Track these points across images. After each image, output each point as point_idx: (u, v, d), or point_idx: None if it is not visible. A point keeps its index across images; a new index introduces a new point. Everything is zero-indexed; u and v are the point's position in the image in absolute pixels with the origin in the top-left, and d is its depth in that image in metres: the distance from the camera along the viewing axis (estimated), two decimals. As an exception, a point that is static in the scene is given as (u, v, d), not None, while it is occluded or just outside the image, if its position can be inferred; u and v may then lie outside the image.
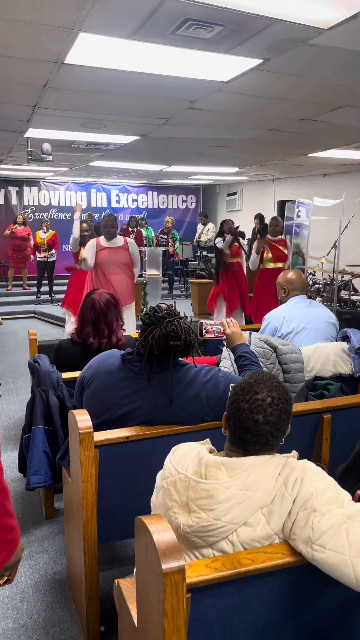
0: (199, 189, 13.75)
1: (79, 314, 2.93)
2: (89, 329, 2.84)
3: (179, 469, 1.39)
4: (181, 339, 2.04)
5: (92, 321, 2.84)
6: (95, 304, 2.85)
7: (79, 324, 2.91)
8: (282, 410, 1.38)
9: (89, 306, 2.86)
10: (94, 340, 2.83)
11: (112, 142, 6.22)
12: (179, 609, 1.15)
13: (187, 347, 2.08)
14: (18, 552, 1.23)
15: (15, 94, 4.06)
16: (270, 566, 1.25)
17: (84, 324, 2.87)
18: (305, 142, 5.98)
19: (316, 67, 3.23)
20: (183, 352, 2.08)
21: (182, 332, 2.05)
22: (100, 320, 2.84)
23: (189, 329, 2.09)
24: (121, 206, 13.17)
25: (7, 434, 4.18)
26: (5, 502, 1.19)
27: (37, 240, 10.54)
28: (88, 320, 2.85)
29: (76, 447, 1.98)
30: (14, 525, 1.22)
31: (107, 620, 2.18)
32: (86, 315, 2.86)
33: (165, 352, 2.04)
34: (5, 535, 1.19)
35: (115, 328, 2.90)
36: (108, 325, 2.86)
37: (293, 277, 3.41)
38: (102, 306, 2.85)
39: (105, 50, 3.00)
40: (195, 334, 2.16)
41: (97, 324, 2.84)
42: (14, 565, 1.23)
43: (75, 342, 2.90)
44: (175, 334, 2.03)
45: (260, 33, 2.67)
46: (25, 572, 2.55)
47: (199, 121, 4.91)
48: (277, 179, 10.83)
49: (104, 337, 2.84)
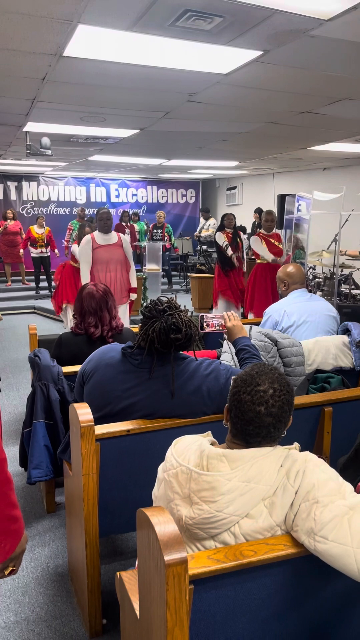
0: (198, 183, 13.71)
1: (76, 308, 2.97)
2: (91, 318, 2.89)
3: (180, 461, 1.39)
4: (182, 332, 2.04)
5: (94, 310, 2.89)
6: (94, 294, 2.91)
7: (79, 316, 2.94)
8: (283, 402, 1.38)
9: (88, 297, 2.91)
10: (96, 329, 2.88)
11: (111, 135, 6.19)
12: (181, 600, 1.15)
13: (188, 340, 2.08)
14: (22, 543, 1.24)
15: (13, 88, 4.04)
16: (272, 557, 1.25)
17: (85, 315, 2.91)
18: (305, 135, 5.96)
19: (317, 58, 3.21)
20: (184, 345, 2.08)
21: (183, 325, 2.04)
22: (102, 307, 2.90)
23: (190, 322, 2.09)
24: (120, 201, 13.14)
25: (7, 428, 4.18)
26: (10, 493, 1.20)
27: (34, 234, 10.49)
28: (90, 311, 2.90)
29: (77, 440, 1.98)
30: (19, 516, 1.22)
31: (109, 613, 2.19)
32: (87, 306, 2.90)
33: (166, 346, 2.04)
34: (9, 526, 1.20)
35: (114, 315, 2.97)
36: (109, 311, 2.93)
37: (293, 271, 3.40)
38: (101, 294, 2.92)
39: (104, 43, 2.98)
40: (196, 327, 2.16)
41: (99, 311, 2.90)
42: (18, 556, 1.24)
43: (77, 334, 2.93)
44: (176, 327, 2.03)
45: (260, 24, 2.65)
46: (27, 565, 2.56)
47: (199, 114, 4.88)
48: (276, 173, 10.79)
49: (105, 324, 2.90)
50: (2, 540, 1.19)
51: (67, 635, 2.13)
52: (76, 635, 2.13)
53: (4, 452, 1.20)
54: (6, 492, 1.19)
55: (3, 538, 1.19)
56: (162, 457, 1.52)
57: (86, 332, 2.90)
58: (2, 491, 1.18)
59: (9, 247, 10.67)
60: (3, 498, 1.18)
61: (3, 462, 1.19)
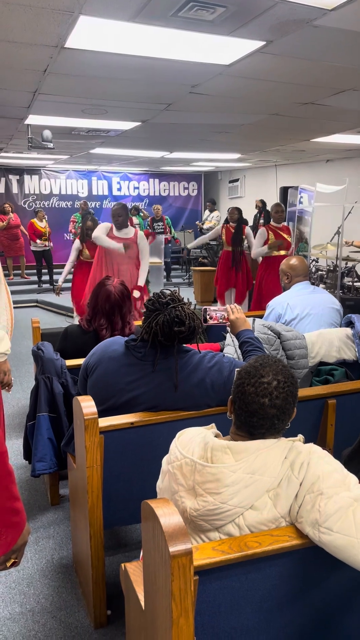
0: (200, 175, 13.66)
1: (91, 303, 2.85)
2: (103, 320, 2.79)
3: (184, 453, 1.40)
4: (185, 325, 2.03)
5: (107, 312, 2.78)
6: (111, 296, 2.78)
7: (91, 313, 2.83)
8: (287, 394, 1.38)
9: (103, 297, 2.78)
10: (107, 332, 2.78)
11: (112, 128, 6.16)
12: (186, 591, 1.15)
13: (192, 333, 2.07)
14: (24, 535, 1.25)
15: (14, 80, 4.02)
16: (277, 549, 1.25)
17: (97, 314, 2.80)
18: (308, 126, 5.92)
19: (320, 49, 3.19)
20: (187, 338, 2.08)
21: (186, 318, 2.04)
22: (115, 312, 2.79)
23: (193, 315, 2.08)
24: (122, 194, 13.11)
25: (11, 421, 4.20)
26: (11, 486, 1.20)
27: (38, 228, 10.49)
28: (102, 312, 2.79)
29: (81, 433, 1.98)
30: (20, 508, 1.23)
31: (113, 604, 2.20)
32: (101, 306, 2.79)
33: (169, 338, 2.03)
34: (11, 518, 1.20)
35: (128, 320, 2.85)
36: (122, 318, 2.81)
37: (296, 264, 3.39)
38: (117, 298, 2.78)
39: (106, 34, 2.96)
40: (200, 320, 2.15)
41: (111, 315, 2.79)
42: (20, 548, 1.25)
43: (85, 330, 2.85)
44: (179, 320, 2.02)
45: (263, 14, 2.63)
46: (31, 557, 2.57)
47: (201, 106, 4.86)
48: (279, 165, 10.74)
49: (117, 330, 2.79)
50: (4, 533, 1.19)
51: (72, 626, 2.15)
52: (81, 626, 2.15)
53: (5, 446, 1.21)
54: (7, 485, 1.19)
55: (5, 530, 1.19)
56: (166, 450, 1.52)
57: (95, 330, 2.81)
58: (3, 484, 1.18)
59: (11, 241, 10.66)
60: (4, 491, 1.19)
61: (4, 455, 1.19)
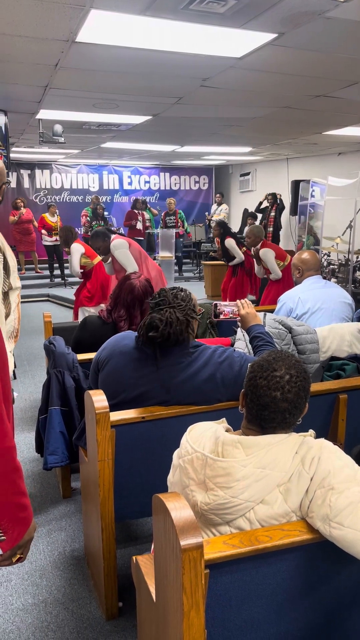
0: (211, 169, 13.61)
1: (114, 295, 2.86)
2: (122, 311, 2.80)
3: (195, 447, 1.40)
4: (159, 331, 1.99)
5: (127, 305, 2.79)
6: (134, 290, 2.78)
7: (113, 303, 2.85)
8: (300, 388, 1.38)
9: (127, 289, 2.80)
10: (125, 325, 2.79)
11: (123, 122, 6.16)
12: (197, 584, 1.16)
13: (167, 340, 2.01)
14: (30, 531, 1.24)
15: (26, 75, 4.03)
16: (287, 543, 1.25)
17: (117, 305, 2.82)
18: (320, 119, 5.87)
19: (332, 41, 3.16)
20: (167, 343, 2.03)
21: (161, 323, 1.99)
22: (135, 306, 2.80)
23: (176, 321, 2.00)
24: (133, 188, 13.10)
25: (23, 415, 4.23)
26: (18, 481, 1.20)
27: (48, 222, 10.53)
28: (123, 303, 2.80)
29: (93, 427, 2.00)
30: (27, 504, 1.23)
31: (125, 596, 2.22)
32: (123, 298, 2.80)
33: (148, 341, 2.03)
34: (18, 514, 1.20)
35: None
36: (142, 313, 2.82)
37: (307, 257, 3.37)
38: (140, 292, 2.79)
39: (116, 28, 2.96)
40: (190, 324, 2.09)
41: (131, 308, 2.80)
42: (26, 544, 1.24)
43: (105, 321, 2.85)
44: (154, 325, 1.99)
45: (275, 6, 2.61)
46: (43, 549, 2.60)
47: (212, 99, 4.84)
48: (290, 159, 10.67)
49: (134, 324, 2.80)
50: (11, 528, 1.19)
51: (84, 617, 2.17)
52: (92, 618, 2.17)
53: (14, 441, 1.21)
54: (15, 480, 1.19)
55: (11, 525, 1.19)
56: (177, 444, 1.53)
57: (114, 322, 2.82)
58: (11, 479, 1.18)
59: (23, 235, 10.72)
60: (12, 486, 1.19)
61: (12, 450, 1.19)
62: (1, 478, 1.17)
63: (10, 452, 1.18)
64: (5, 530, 1.19)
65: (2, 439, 1.17)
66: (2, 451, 1.17)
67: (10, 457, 1.18)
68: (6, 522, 1.19)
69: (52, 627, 2.12)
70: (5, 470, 1.17)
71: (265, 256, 5.23)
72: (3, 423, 1.17)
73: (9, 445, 1.18)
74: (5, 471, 1.17)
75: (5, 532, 1.19)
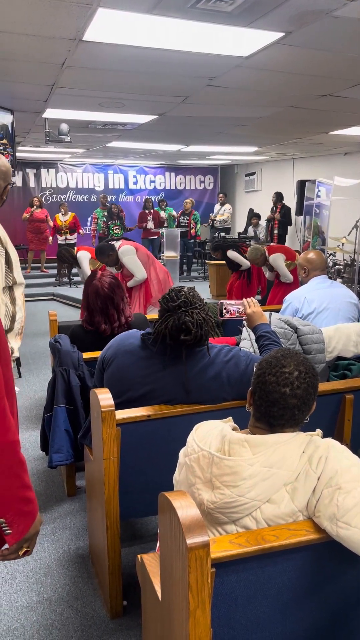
0: (216, 169, 13.60)
1: (84, 304, 2.86)
2: (99, 317, 2.80)
3: (202, 445, 1.40)
4: (192, 334, 1.99)
5: (101, 308, 2.79)
6: (99, 291, 2.77)
7: (87, 313, 2.85)
8: (309, 384, 1.37)
9: (93, 294, 2.79)
10: (107, 327, 2.80)
11: (129, 121, 6.16)
12: (203, 583, 1.16)
13: (199, 342, 2.04)
14: (36, 525, 1.24)
15: (32, 73, 4.03)
16: (294, 543, 1.25)
17: (93, 312, 2.81)
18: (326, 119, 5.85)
19: (340, 40, 3.14)
20: (195, 345, 2.05)
21: (193, 326, 1.99)
22: (107, 305, 2.79)
23: (203, 321, 2.03)
24: (138, 187, 13.10)
25: (28, 413, 4.24)
26: (23, 475, 1.20)
27: (58, 222, 10.56)
28: (96, 309, 2.79)
29: (98, 425, 2.00)
30: (32, 497, 1.23)
31: (129, 595, 2.22)
32: (93, 304, 2.79)
33: (177, 344, 2.02)
34: (23, 507, 1.20)
35: (122, 308, 2.85)
36: (116, 308, 2.81)
37: (313, 257, 3.36)
38: (106, 291, 2.78)
39: (123, 26, 2.96)
40: (217, 323, 2.12)
41: (105, 310, 2.79)
42: (32, 537, 1.24)
43: (87, 330, 2.87)
44: (186, 328, 1.99)
45: (282, 5, 2.60)
46: (48, 547, 2.61)
47: (218, 99, 4.83)
48: (296, 159, 10.65)
49: (114, 321, 2.81)
50: (16, 521, 1.19)
51: (88, 615, 2.17)
52: (97, 616, 2.17)
53: (18, 435, 1.21)
54: (19, 473, 1.19)
55: (17, 519, 1.19)
56: (183, 443, 1.52)
57: (96, 329, 2.82)
58: (15, 473, 1.18)
59: (35, 235, 10.72)
60: (16, 479, 1.19)
61: (16, 444, 1.19)
62: (5, 472, 1.17)
63: (14, 446, 1.18)
64: (11, 524, 1.19)
65: (5, 433, 1.16)
66: (6, 445, 1.17)
67: (14, 451, 1.18)
68: (12, 515, 1.19)
69: (56, 625, 2.12)
70: (9, 464, 1.17)
71: (275, 262, 5.22)
72: (6, 417, 1.17)
73: (12, 439, 1.18)
74: (9, 465, 1.17)
75: (11, 525, 1.19)
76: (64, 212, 10.65)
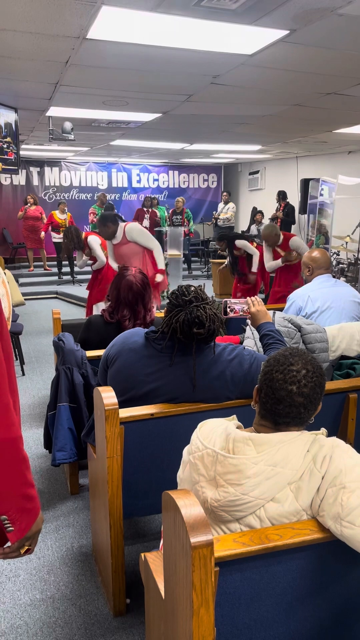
0: (220, 167, 13.59)
1: (113, 295, 2.83)
2: (126, 311, 2.77)
3: (206, 444, 1.40)
4: (205, 327, 2.00)
5: (130, 303, 2.76)
6: (133, 286, 2.75)
7: (114, 304, 2.82)
8: (315, 384, 1.37)
9: (126, 288, 2.76)
10: (129, 323, 2.77)
11: (133, 120, 6.16)
12: (207, 581, 1.15)
13: (211, 336, 2.05)
14: (38, 522, 1.24)
15: (36, 72, 4.03)
16: (298, 542, 1.25)
17: (120, 305, 2.79)
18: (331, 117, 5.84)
19: (344, 38, 3.13)
20: (206, 339, 2.06)
21: (206, 320, 2.00)
22: (138, 301, 2.77)
23: (215, 317, 2.04)
24: (142, 186, 13.10)
25: (31, 411, 4.25)
26: (25, 472, 1.19)
27: (57, 220, 10.55)
28: (125, 302, 2.77)
29: (102, 423, 2.00)
30: (34, 495, 1.22)
31: (132, 593, 2.22)
32: (124, 297, 2.77)
33: (187, 338, 2.02)
34: (25, 505, 1.20)
35: (150, 307, 2.84)
36: (144, 306, 2.80)
37: (318, 256, 3.35)
38: (139, 287, 2.76)
39: (127, 24, 2.95)
40: (221, 321, 2.12)
41: (134, 305, 2.77)
42: (34, 535, 1.24)
43: (107, 321, 2.83)
44: (199, 321, 2.00)
45: (287, 2, 2.59)
46: (51, 545, 2.61)
47: (222, 97, 4.82)
48: (300, 157, 10.63)
49: (139, 319, 2.78)
50: (19, 519, 1.19)
51: (92, 613, 2.17)
52: (100, 614, 2.17)
53: (20, 431, 1.20)
54: (22, 470, 1.18)
55: (19, 516, 1.19)
56: (186, 441, 1.52)
57: (118, 322, 2.79)
58: (17, 470, 1.18)
59: (30, 232, 10.73)
60: (19, 476, 1.18)
61: (19, 440, 1.18)
62: (8, 469, 1.16)
63: (17, 443, 1.17)
64: (14, 521, 1.18)
65: (9, 429, 1.15)
66: (9, 441, 1.15)
67: (17, 448, 1.17)
68: (14, 513, 1.18)
69: (59, 623, 2.12)
70: (12, 461, 1.16)
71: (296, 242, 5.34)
72: (9, 413, 1.16)
73: (15, 435, 1.17)
74: (12, 462, 1.16)
75: (13, 523, 1.18)
76: (61, 211, 10.64)
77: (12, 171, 5.79)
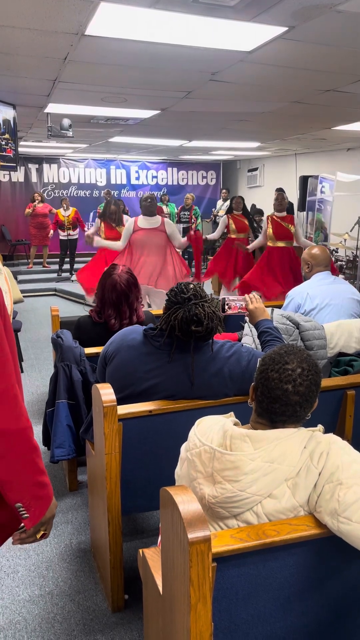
0: (219, 164, 13.57)
1: (98, 295, 2.85)
2: (111, 311, 2.78)
3: (203, 440, 1.40)
4: (203, 325, 2.01)
5: (114, 302, 2.77)
6: (117, 286, 2.76)
7: (99, 304, 2.84)
8: (311, 382, 1.37)
9: (110, 287, 2.77)
10: (115, 322, 2.79)
11: (132, 116, 6.14)
12: (204, 577, 1.16)
13: (209, 334, 2.06)
14: (52, 508, 1.29)
15: (35, 68, 4.02)
16: (295, 538, 1.25)
17: (105, 305, 2.80)
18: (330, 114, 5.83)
19: (343, 35, 3.12)
20: (204, 337, 2.06)
21: (205, 318, 2.01)
22: (122, 301, 2.77)
23: (213, 314, 2.05)
24: (140, 183, 13.08)
25: (30, 408, 4.25)
26: (37, 460, 1.24)
27: (60, 218, 10.54)
28: (109, 302, 2.78)
29: (100, 420, 2.00)
30: (47, 481, 1.27)
31: (131, 589, 2.23)
32: (107, 297, 2.78)
33: (186, 335, 2.03)
34: (38, 492, 1.24)
35: (136, 307, 2.84)
36: (129, 306, 2.80)
37: (317, 253, 3.35)
38: (124, 287, 2.76)
39: (126, 21, 2.94)
40: (219, 318, 2.13)
41: (118, 305, 2.78)
42: (49, 520, 1.29)
43: (96, 321, 2.85)
44: (197, 319, 2.00)
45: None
46: (50, 541, 2.62)
47: (221, 94, 4.81)
48: (299, 154, 10.62)
49: (125, 319, 2.79)
50: (32, 505, 1.23)
51: (90, 609, 2.18)
52: (99, 610, 2.18)
53: (30, 421, 1.23)
54: (34, 459, 1.23)
55: (33, 503, 1.23)
56: (184, 438, 1.53)
57: (106, 322, 2.81)
58: (29, 458, 1.22)
59: (38, 230, 10.68)
60: (31, 465, 1.22)
61: (29, 430, 1.22)
62: (21, 458, 1.20)
63: (27, 432, 1.22)
64: (28, 508, 1.23)
65: (19, 420, 1.20)
66: (20, 431, 1.20)
67: (28, 437, 1.22)
68: (28, 500, 1.22)
69: (58, 619, 2.13)
70: (23, 450, 1.20)
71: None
72: (18, 404, 1.20)
73: (25, 425, 1.21)
74: (23, 451, 1.21)
75: (28, 509, 1.23)
76: (65, 207, 10.63)
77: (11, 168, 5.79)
